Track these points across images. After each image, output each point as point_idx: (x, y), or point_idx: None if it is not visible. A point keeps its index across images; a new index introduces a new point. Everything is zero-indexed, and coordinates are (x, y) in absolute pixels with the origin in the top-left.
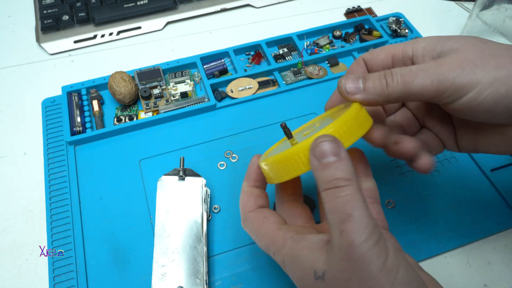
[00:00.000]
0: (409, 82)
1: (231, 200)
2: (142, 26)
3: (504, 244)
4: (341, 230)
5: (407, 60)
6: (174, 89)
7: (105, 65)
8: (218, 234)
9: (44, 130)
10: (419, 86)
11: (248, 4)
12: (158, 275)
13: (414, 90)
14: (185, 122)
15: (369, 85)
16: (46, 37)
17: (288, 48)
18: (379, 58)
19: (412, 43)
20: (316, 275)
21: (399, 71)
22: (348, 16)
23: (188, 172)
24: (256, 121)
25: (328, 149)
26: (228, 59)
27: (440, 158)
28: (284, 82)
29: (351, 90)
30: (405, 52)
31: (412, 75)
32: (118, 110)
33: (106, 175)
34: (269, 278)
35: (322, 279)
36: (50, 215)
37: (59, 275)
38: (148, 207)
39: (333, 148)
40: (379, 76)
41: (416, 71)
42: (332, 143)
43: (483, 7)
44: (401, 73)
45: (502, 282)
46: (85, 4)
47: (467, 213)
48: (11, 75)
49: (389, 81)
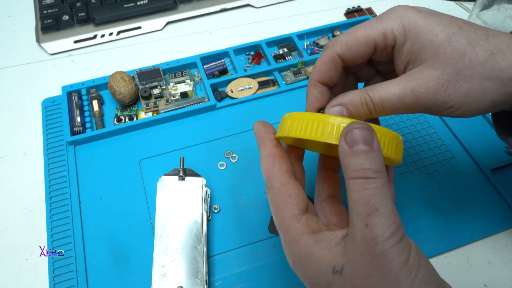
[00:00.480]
0: (391, 112)
1: (231, 200)
2: (142, 26)
3: (504, 244)
4: (366, 223)
5: (389, 49)
6: (174, 89)
7: (105, 65)
8: (218, 234)
9: (44, 130)
10: (401, 111)
11: (248, 4)
12: (158, 275)
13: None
14: (185, 122)
15: (354, 114)
16: (46, 37)
17: (288, 48)
18: (361, 52)
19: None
20: (335, 270)
21: (380, 101)
22: (348, 16)
23: (188, 172)
24: (256, 121)
25: (361, 136)
26: (228, 59)
27: (440, 158)
28: (284, 82)
29: None
30: (388, 41)
31: (394, 108)
32: (118, 110)
33: (106, 175)
34: (269, 278)
35: (340, 273)
36: (50, 215)
37: (59, 275)
38: (148, 207)
39: (367, 137)
40: (361, 103)
41: (396, 103)
42: (367, 131)
43: (483, 7)
44: (382, 104)
45: (502, 282)
46: (85, 4)
47: (467, 213)
48: (11, 75)
49: (372, 110)
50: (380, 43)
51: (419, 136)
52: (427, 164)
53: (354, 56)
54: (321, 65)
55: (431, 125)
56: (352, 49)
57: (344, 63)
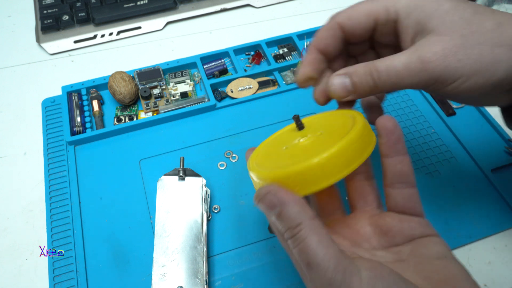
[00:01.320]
0: (397, 82)
1: (231, 200)
2: (142, 26)
3: (504, 244)
4: (310, 278)
5: (391, 24)
6: (174, 89)
7: (105, 65)
8: (218, 234)
9: (44, 130)
10: (407, 85)
11: (248, 4)
12: (158, 275)
13: (402, 87)
14: (185, 122)
15: (358, 85)
16: (46, 37)
17: (288, 48)
18: (360, 23)
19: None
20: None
21: (385, 69)
22: None
23: (188, 172)
24: (256, 121)
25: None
26: (228, 59)
27: (440, 158)
28: (284, 82)
29: (341, 94)
30: (389, 14)
31: (400, 76)
32: (118, 110)
33: (106, 175)
34: (269, 278)
35: None
36: (50, 215)
37: (59, 275)
38: (148, 207)
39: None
40: (365, 73)
41: (402, 71)
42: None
43: None
44: (387, 73)
45: (502, 282)
46: (85, 4)
47: (467, 213)
48: (11, 75)
49: (377, 81)
50: (381, 17)
51: (419, 136)
52: (427, 164)
53: (354, 26)
54: (321, 33)
55: (431, 125)
56: (352, 18)
57: (344, 34)
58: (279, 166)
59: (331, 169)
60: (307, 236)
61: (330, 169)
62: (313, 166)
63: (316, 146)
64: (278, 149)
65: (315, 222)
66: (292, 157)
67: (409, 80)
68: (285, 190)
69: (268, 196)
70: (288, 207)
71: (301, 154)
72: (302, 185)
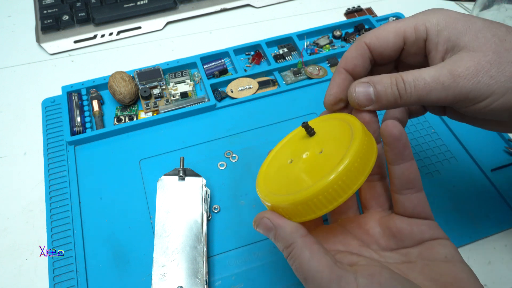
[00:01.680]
0: (424, 95)
1: (231, 200)
2: (142, 26)
3: (504, 244)
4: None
5: (421, 42)
6: (174, 89)
7: (105, 65)
8: (218, 234)
9: (44, 130)
10: (434, 99)
11: (248, 4)
12: (158, 275)
13: (428, 101)
14: (185, 122)
15: (381, 95)
16: (46, 37)
17: (288, 48)
18: (389, 43)
19: (423, 19)
20: None
21: (412, 80)
22: (348, 16)
23: (188, 172)
24: (256, 121)
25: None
26: (228, 59)
27: (440, 158)
28: (284, 82)
29: (363, 103)
30: (419, 32)
31: (427, 88)
32: (118, 110)
33: (106, 175)
34: (269, 278)
35: None
36: (50, 215)
37: (59, 275)
38: (148, 207)
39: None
40: (390, 83)
41: (430, 83)
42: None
43: (483, 7)
44: (414, 84)
45: (502, 282)
46: (85, 4)
47: (467, 213)
48: (11, 75)
49: (402, 92)
50: (410, 35)
51: (419, 136)
52: (427, 164)
53: (382, 46)
54: (348, 53)
55: (431, 125)
56: (380, 38)
57: (372, 54)
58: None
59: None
60: (300, 253)
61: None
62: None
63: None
64: (284, 163)
65: (307, 239)
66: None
67: (437, 94)
68: (279, 216)
69: (264, 221)
70: (281, 230)
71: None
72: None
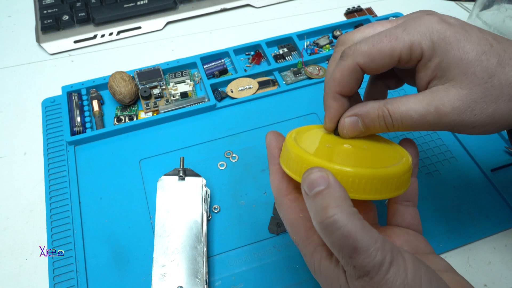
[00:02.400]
0: (410, 128)
1: (231, 200)
2: (142, 26)
3: (504, 244)
4: (353, 265)
5: (414, 62)
6: (174, 89)
7: (105, 65)
8: (218, 234)
9: (44, 130)
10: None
11: (248, 4)
12: (158, 275)
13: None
14: (185, 122)
15: (370, 126)
16: (46, 37)
17: (288, 48)
18: (384, 65)
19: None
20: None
21: (400, 117)
22: (348, 16)
23: (188, 172)
24: (256, 121)
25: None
26: (228, 59)
27: (440, 158)
28: (284, 82)
29: (354, 134)
30: (415, 55)
31: (414, 125)
32: (118, 110)
33: (106, 175)
34: (269, 278)
35: None
36: (50, 215)
37: (59, 275)
38: (148, 207)
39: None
40: (378, 117)
41: (417, 121)
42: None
43: (483, 7)
44: (402, 120)
45: (502, 282)
46: (85, 4)
47: (467, 213)
48: (11, 75)
49: (390, 127)
50: (406, 56)
51: (419, 136)
52: (427, 164)
53: (377, 68)
54: (341, 76)
55: None
56: (376, 61)
57: (364, 71)
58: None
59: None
60: (347, 222)
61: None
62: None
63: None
64: (322, 144)
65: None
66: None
67: (423, 128)
68: None
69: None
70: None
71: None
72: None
